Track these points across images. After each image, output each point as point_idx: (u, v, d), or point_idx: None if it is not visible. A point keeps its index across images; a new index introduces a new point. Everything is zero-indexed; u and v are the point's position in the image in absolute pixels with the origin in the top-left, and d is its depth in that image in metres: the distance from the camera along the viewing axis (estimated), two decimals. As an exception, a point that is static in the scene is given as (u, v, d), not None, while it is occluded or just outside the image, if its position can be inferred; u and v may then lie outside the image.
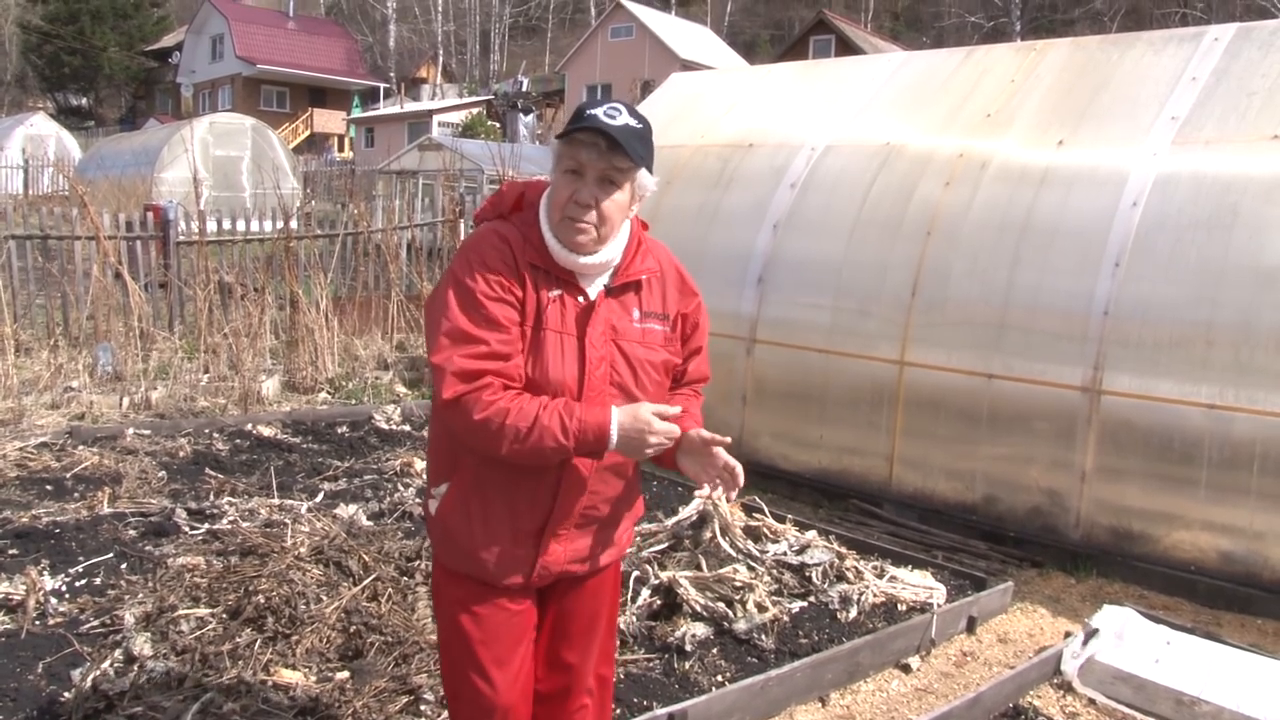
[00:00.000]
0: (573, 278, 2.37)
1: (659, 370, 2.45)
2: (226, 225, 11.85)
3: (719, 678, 4.01)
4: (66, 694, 3.58)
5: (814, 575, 4.84)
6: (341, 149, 50.30)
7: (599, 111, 2.25)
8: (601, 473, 2.42)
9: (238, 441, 7.27)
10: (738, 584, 4.56)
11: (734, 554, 4.86)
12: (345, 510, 5.49)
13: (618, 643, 2.90)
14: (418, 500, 5.72)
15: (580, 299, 2.37)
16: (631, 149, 2.24)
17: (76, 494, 5.86)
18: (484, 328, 2.26)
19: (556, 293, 2.35)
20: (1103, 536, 5.43)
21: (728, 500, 2.52)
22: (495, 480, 2.39)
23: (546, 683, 2.64)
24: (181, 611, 4.01)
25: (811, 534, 5.27)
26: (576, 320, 2.35)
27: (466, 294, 2.28)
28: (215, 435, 7.36)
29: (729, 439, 2.39)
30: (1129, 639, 4.34)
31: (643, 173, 2.34)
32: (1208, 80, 5.74)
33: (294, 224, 10.30)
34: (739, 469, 2.40)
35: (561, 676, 2.66)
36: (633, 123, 2.26)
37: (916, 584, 4.91)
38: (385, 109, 51.30)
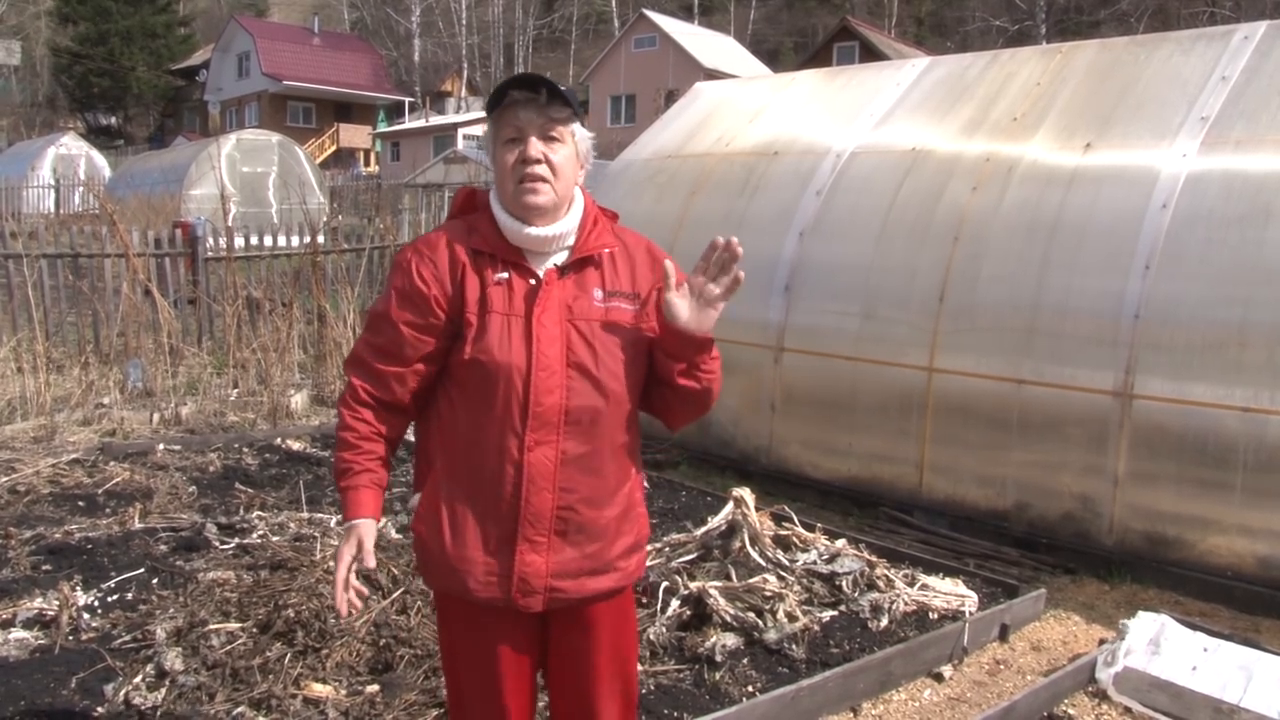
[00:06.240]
0: (522, 259, 2.31)
1: (627, 350, 2.34)
2: (254, 241, 11.96)
3: (750, 688, 3.98)
4: (99, 709, 3.60)
5: (844, 584, 4.80)
6: (367, 163, 50.64)
7: (516, 78, 2.29)
8: (567, 468, 2.26)
9: (267, 456, 7.31)
10: (768, 593, 4.53)
11: (763, 563, 4.84)
12: (374, 523, 5.48)
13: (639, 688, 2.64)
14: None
15: (531, 280, 2.30)
16: (566, 94, 2.26)
17: (108, 509, 5.91)
18: (382, 324, 2.34)
19: (504, 275, 2.30)
20: (1137, 542, 5.36)
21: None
22: (460, 480, 2.30)
23: None
24: (212, 626, 4.02)
25: (841, 542, 5.24)
26: (524, 300, 2.28)
27: (386, 289, 2.38)
28: (245, 450, 7.41)
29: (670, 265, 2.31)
30: (1165, 646, 4.28)
31: (579, 130, 2.33)
32: (1238, 79, 5.67)
33: (321, 239, 10.35)
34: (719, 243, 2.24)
35: None
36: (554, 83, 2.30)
37: (948, 592, 4.86)
38: (410, 123, 51.56)
